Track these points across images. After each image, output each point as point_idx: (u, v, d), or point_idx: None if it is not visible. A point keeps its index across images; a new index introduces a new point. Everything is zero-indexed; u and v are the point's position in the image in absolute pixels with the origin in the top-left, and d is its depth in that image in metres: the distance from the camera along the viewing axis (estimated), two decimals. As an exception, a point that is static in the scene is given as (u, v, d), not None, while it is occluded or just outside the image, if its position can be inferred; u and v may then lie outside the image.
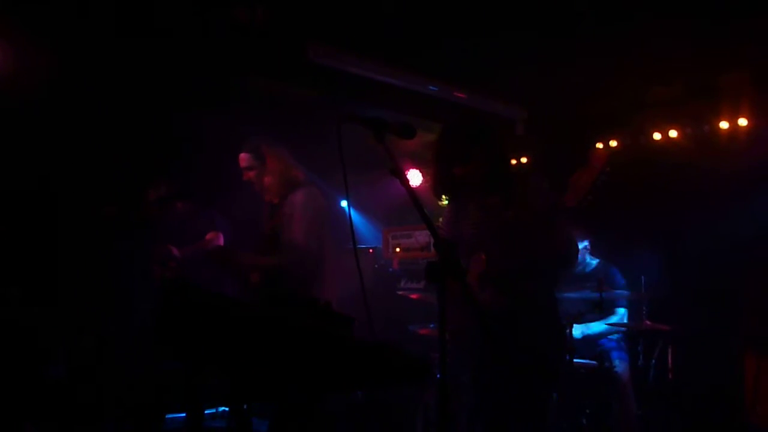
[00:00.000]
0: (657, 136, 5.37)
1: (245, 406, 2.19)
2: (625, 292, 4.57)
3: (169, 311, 1.81)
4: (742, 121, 4.98)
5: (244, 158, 3.61)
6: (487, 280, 2.75)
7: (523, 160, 6.11)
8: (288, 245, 3.37)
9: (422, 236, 5.79)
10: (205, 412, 3.91)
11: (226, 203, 4.75)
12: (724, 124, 5.05)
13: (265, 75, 4.50)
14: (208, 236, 4.57)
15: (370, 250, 6.06)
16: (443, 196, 3.04)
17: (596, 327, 4.61)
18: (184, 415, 3.69)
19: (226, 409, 3.89)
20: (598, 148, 2.63)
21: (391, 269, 5.97)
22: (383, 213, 6.48)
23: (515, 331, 2.67)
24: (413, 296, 5.02)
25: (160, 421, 3.75)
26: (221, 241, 4.58)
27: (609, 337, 4.66)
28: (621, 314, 4.71)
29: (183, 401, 3.49)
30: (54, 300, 3.85)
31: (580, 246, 4.57)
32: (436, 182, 2.94)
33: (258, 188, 3.62)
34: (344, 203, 6.21)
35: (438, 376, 2.05)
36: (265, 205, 3.66)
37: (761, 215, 4.61)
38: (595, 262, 4.83)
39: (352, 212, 3.38)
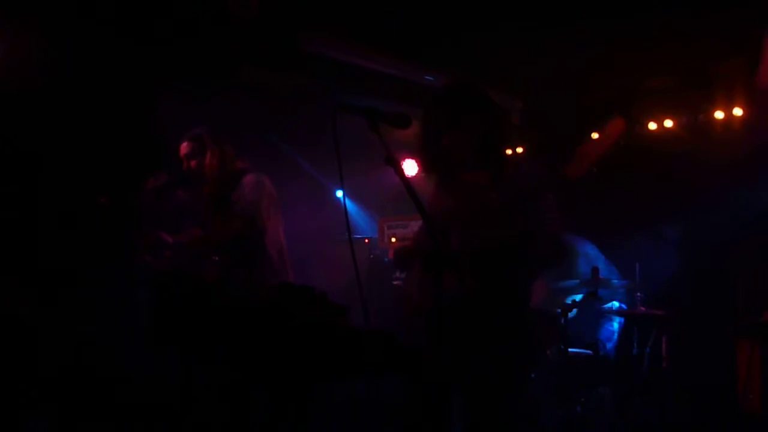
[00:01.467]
0: (652, 125, 5.37)
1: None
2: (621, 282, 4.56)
3: (163, 303, 1.81)
4: (737, 111, 4.98)
5: (184, 146, 3.58)
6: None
7: (519, 150, 6.11)
8: (240, 211, 3.40)
9: (418, 226, 5.76)
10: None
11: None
12: (719, 114, 5.06)
13: (258, 65, 4.48)
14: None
15: (366, 240, 6.05)
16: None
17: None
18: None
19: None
20: (617, 117, 2.44)
21: (386, 259, 5.97)
22: (378, 203, 6.47)
23: (476, 318, 2.39)
24: (408, 286, 5.01)
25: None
26: None
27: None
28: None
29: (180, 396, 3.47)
30: (52, 296, 3.83)
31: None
32: (422, 152, 2.63)
33: (198, 180, 3.58)
34: (340, 193, 6.20)
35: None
36: (205, 201, 3.62)
37: (755, 204, 4.62)
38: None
39: (348, 202, 3.38)
